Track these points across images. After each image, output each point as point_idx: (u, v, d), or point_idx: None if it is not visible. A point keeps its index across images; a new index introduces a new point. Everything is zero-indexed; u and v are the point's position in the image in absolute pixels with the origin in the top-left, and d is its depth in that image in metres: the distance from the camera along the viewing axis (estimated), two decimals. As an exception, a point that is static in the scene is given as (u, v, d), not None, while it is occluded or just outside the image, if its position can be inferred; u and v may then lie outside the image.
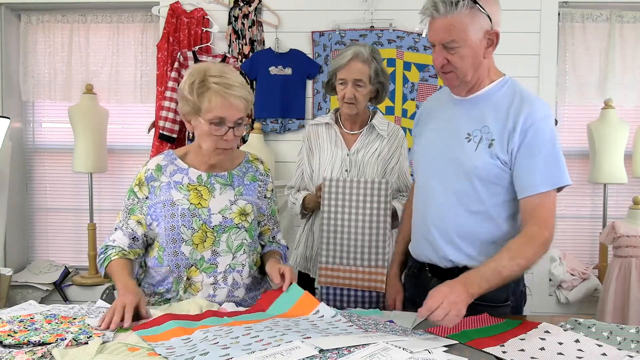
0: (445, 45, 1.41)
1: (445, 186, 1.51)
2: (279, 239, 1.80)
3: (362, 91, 1.99)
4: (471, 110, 1.50)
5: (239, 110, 1.50)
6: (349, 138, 2.10)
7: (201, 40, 3.13)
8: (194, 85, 1.48)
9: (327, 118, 2.15)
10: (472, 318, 1.38)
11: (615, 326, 1.31)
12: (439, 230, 1.52)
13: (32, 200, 3.52)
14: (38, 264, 3.40)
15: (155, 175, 1.59)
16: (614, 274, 2.82)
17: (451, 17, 1.37)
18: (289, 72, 3.12)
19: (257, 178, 1.70)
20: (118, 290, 1.48)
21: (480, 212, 1.47)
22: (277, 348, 1.12)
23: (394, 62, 3.09)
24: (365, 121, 2.11)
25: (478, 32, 1.40)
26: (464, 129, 1.49)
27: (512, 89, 1.49)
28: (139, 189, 1.60)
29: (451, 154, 1.50)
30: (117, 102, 3.38)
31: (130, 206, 1.61)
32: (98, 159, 3.21)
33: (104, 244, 1.63)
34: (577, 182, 3.34)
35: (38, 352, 1.11)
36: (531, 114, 1.41)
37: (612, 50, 3.17)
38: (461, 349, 1.18)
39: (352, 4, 3.11)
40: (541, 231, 1.39)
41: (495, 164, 1.43)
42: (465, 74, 1.44)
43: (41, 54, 3.39)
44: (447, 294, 1.25)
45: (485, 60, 1.46)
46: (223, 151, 1.55)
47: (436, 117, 1.61)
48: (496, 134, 1.44)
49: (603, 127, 3.09)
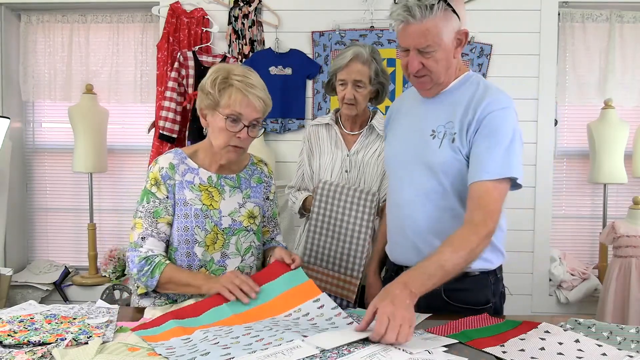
0: (420, 49, 1.39)
1: (414, 185, 1.51)
2: (278, 240, 1.80)
3: (362, 92, 1.99)
4: (436, 107, 1.50)
5: (257, 110, 1.51)
6: (349, 139, 2.10)
7: (201, 40, 3.13)
8: (216, 80, 1.50)
9: (327, 119, 2.15)
10: (472, 318, 1.38)
11: (615, 326, 1.31)
12: (413, 230, 1.52)
13: (32, 200, 3.51)
14: (38, 264, 3.40)
15: (170, 174, 1.57)
16: (614, 274, 2.82)
17: (427, 21, 1.35)
18: (289, 72, 3.12)
19: (262, 180, 1.71)
20: (199, 285, 1.47)
21: (449, 209, 1.47)
22: (278, 347, 1.12)
23: (394, 62, 3.09)
24: (365, 121, 2.11)
25: (450, 33, 1.40)
26: (429, 126, 1.49)
27: (475, 83, 1.49)
28: (157, 189, 1.56)
29: (417, 152, 1.50)
30: (117, 102, 3.38)
31: (153, 209, 1.56)
32: (98, 159, 3.21)
33: (140, 257, 1.52)
34: (577, 182, 3.34)
35: (38, 352, 1.11)
36: (490, 104, 1.41)
37: (612, 50, 3.17)
38: (461, 349, 1.18)
39: (352, 4, 3.11)
40: (486, 221, 1.34)
41: (457, 158, 1.43)
42: (439, 76, 1.44)
43: (41, 54, 3.38)
44: (391, 311, 1.13)
45: (455, 60, 1.45)
46: (234, 149, 1.54)
47: (404, 116, 1.62)
48: (457, 128, 1.44)
49: (603, 127, 3.09)
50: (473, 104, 1.43)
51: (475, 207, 1.37)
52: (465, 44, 1.45)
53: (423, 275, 1.25)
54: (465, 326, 1.33)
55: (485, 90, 1.45)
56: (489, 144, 1.39)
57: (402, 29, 1.39)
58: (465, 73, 1.52)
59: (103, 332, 1.25)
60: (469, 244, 1.32)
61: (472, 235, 1.33)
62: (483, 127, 1.40)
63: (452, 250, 1.30)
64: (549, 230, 3.14)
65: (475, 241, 1.33)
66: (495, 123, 1.39)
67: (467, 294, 1.49)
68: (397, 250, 1.61)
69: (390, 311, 1.14)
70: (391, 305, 1.15)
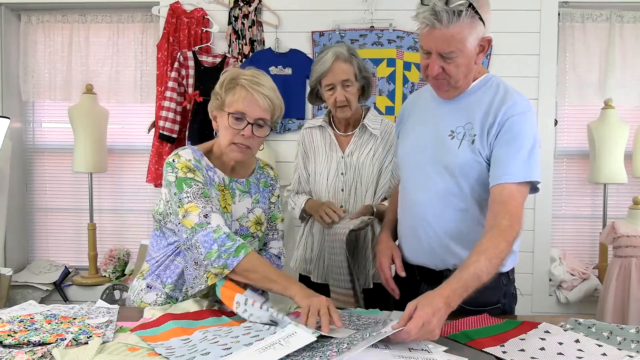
0: (442, 54, 1.38)
1: (429, 186, 1.50)
2: (270, 247, 1.72)
3: (351, 90, 1.95)
4: (455, 108, 1.50)
5: (262, 109, 1.49)
6: (343, 140, 2.07)
7: (201, 40, 3.13)
8: (225, 81, 1.50)
9: (320, 120, 2.11)
10: (472, 318, 1.38)
11: (615, 326, 1.31)
12: (427, 232, 1.51)
13: (32, 200, 3.51)
14: (38, 264, 3.40)
15: (199, 165, 1.50)
16: (614, 274, 2.82)
17: (453, 27, 1.32)
18: (289, 72, 3.12)
19: (268, 184, 1.70)
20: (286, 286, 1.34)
21: (464, 210, 1.47)
22: (274, 336, 1.12)
23: (394, 62, 3.09)
24: (358, 120, 2.06)
25: (474, 40, 1.38)
26: (447, 127, 1.49)
27: (495, 85, 1.49)
28: (194, 175, 1.46)
29: (434, 153, 1.49)
30: (117, 102, 3.38)
31: (200, 191, 1.44)
32: (98, 159, 3.21)
33: (218, 232, 1.38)
34: (577, 182, 3.34)
35: (38, 352, 1.11)
36: (511, 108, 1.41)
37: (612, 50, 3.17)
38: (461, 349, 1.18)
39: (352, 4, 3.11)
40: (513, 225, 1.33)
41: (477, 160, 1.43)
42: (457, 80, 1.43)
43: (41, 54, 3.38)
44: (428, 321, 1.14)
45: (475, 66, 1.45)
46: (238, 148, 1.51)
47: (418, 116, 1.61)
48: (478, 130, 1.43)
49: (603, 127, 3.09)
50: (494, 108, 1.43)
51: (501, 210, 1.35)
52: (488, 51, 1.44)
53: (462, 290, 1.23)
54: (465, 326, 1.33)
55: (505, 93, 1.45)
56: (511, 147, 1.39)
57: (427, 32, 1.36)
58: (484, 75, 1.51)
59: (103, 332, 1.25)
60: (501, 251, 1.30)
61: (502, 241, 1.31)
62: (505, 131, 1.40)
63: (486, 258, 1.27)
64: (549, 230, 3.14)
65: (505, 248, 1.31)
66: (517, 127, 1.39)
67: (478, 295, 1.49)
68: (411, 252, 1.60)
69: (427, 320, 1.14)
70: (431, 316, 1.15)
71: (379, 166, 2.02)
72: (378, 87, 3.09)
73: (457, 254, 1.47)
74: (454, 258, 1.48)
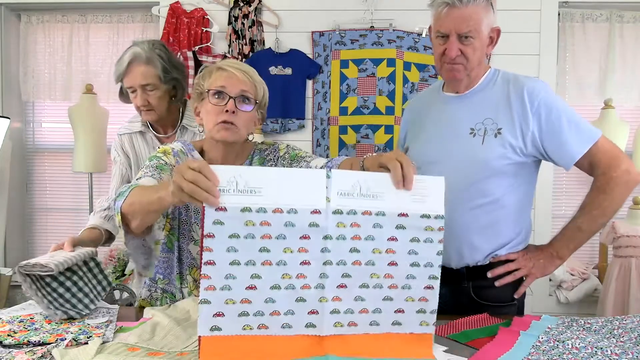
0: (460, 35, 1.42)
1: (450, 185, 1.49)
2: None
3: (155, 94, 1.78)
4: (468, 105, 1.51)
5: (241, 81, 1.42)
6: (166, 142, 1.87)
7: (201, 40, 3.13)
8: (202, 71, 1.48)
9: (139, 125, 1.93)
10: (472, 318, 1.38)
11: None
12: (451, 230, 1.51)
13: (32, 200, 3.52)
14: (38, 264, 3.39)
15: (180, 156, 1.46)
16: (614, 274, 2.82)
17: (471, 7, 1.39)
18: (289, 72, 3.12)
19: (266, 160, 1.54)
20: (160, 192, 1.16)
21: (485, 204, 1.47)
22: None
23: (394, 62, 3.09)
24: (175, 121, 1.90)
25: (487, 27, 1.44)
26: (465, 125, 1.49)
27: (504, 77, 1.53)
28: (164, 155, 1.44)
29: (453, 151, 1.49)
30: (117, 102, 3.36)
31: (157, 165, 1.40)
32: (98, 159, 3.21)
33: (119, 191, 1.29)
34: (577, 182, 3.34)
35: (38, 352, 1.11)
36: (532, 93, 1.45)
37: (612, 50, 3.17)
38: (461, 349, 1.18)
39: (352, 4, 3.11)
40: (609, 174, 1.41)
41: (505, 152, 1.44)
42: (473, 67, 1.47)
43: (41, 54, 3.39)
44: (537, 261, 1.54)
45: (484, 58, 1.50)
46: (224, 126, 1.40)
47: (427, 118, 1.61)
48: (504, 122, 1.45)
49: (603, 127, 3.08)
50: (513, 97, 1.46)
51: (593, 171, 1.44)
52: (496, 43, 1.50)
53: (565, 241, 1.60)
54: (465, 326, 1.33)
55: (515, 80, 1.50)
56: (562, 126, 1.42)
57: (446, 12, 1.41)
58: (489, 69, 1.56)
59: (103, 332, 1.25)
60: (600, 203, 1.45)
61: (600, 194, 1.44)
62: (544, 116, 1.43)
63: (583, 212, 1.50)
64: (549, 230, 3.14)
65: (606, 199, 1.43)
66: (551, 106, 1.44)
67: (494, 291, 1.50)
68: None
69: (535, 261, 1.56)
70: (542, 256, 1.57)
71: None
72: (378, 87, 3.09)
73: (484, 250, 1.50)
74: (481, 256, 1.51)
